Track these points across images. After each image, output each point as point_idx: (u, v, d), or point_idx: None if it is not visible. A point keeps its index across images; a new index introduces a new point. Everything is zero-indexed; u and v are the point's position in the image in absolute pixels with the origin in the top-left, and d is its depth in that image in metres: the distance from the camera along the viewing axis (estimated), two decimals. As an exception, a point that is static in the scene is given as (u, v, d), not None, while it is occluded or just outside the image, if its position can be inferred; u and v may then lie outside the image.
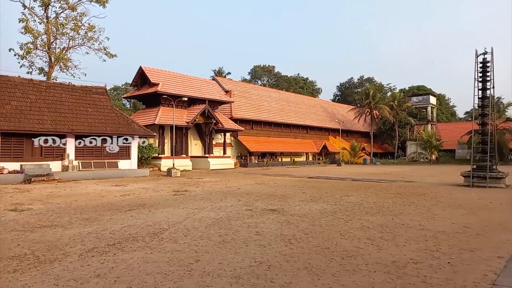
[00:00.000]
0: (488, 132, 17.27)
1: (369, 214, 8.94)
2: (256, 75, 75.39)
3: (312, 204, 10.73)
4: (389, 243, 6.15)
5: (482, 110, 17.51)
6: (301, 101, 53.08)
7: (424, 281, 4.34)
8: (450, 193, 13.78)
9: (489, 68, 16.92)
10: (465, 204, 10.69)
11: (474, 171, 16.77)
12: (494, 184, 15.96)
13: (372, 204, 10.74)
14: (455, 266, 4.89)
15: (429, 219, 8.38)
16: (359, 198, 12.13)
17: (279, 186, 16.44)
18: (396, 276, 4.51)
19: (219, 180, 19.35)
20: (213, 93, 34.98)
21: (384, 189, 15.16)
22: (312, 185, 16.99)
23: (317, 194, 13.25)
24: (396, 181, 19.13)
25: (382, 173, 26.30)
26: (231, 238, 6.46)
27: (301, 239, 6.43)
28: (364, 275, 4.56)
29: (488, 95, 17.34)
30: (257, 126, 41.21)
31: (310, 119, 49.11)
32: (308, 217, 8.57)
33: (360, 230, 7.14)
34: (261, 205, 10.37)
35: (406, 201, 11.33)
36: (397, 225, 7.62)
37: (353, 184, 17.43)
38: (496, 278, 4.41)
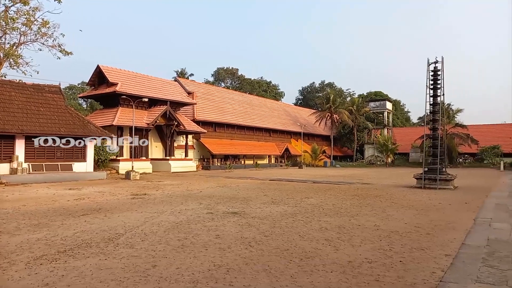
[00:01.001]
0: (438, 136, 18.32)
1: (327, 216, 9.15)
2: (219, 77, 75.14)
3: (273, 206, 10.81)
4: (345, 243, 6.32)
5: (433, 116, 18.54)
6: (264, 104, 53.56)
7: (377, 279, 4.50)
8: (404, 194, 14.43)
9: (440, 76, 17.96)
10: (416, 205, 11.24)
11: (426, 173, 17.69)
12: (444, 186, 16.91)
13: (331, 205, 11.00)
14: (406, 264, 5.12)
15: (383, 219, 8.73)
16: (318, 200, 12.38)
17: (241, 188, 16.43)
18: (352, 275, 4.64)
19: (180, 183, 19.01)
20: (175, 94, 34.37)
21: (343, 191, 15.60)
22: (274, 187, 17.14)
23: (278, 196, 13.38)
24: (354, 183, 19.77)
25: (341, 176, 27.08)
26: (190, 242, 6.35)
27: (261, 241, 6.45)
28: (321, 275, 4.65)
29: (439, 102, 18.40)
30: (220, 128, 41.03)
31: (273, 122, 49.63)
32: (269, 219, 8.62)
33: (318, 231, 7.28)
34: (223, 208, 10.30)
35: (363, 203, 11.73)
36: (354, 226, 7.85)
37: (313, 186, 17.79)
38: (443, 275, 4.66)
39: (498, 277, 4.54)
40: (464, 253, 5.70)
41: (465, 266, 4.99)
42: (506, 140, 47.80)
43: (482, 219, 8.76)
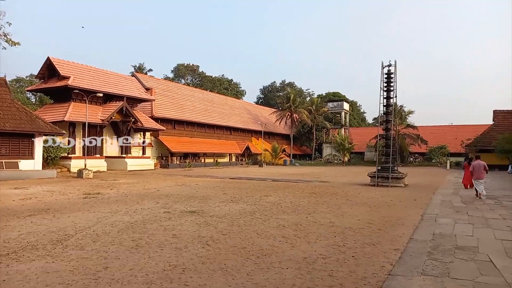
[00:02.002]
0: (391, 136, 19.22)
1: (285, 213, 9.29)
2: (179, 74, 73.76)
3: (232, 204, 10.79)
4: (301, 240, 6.45)
5: (386, 117, 19.42)
6: (225, 102, 53.36)
7: (330, 275, 4.63)
8: (358, 192, 14.98)
9: (393, 79, 18.84)
10: (370, 202, 11.71)
11: (379, 172, 18.49)
12: (395, 184, 17.78)
13: (289, 203, 11.18)
14: (358, 259, 5.31)
15: (338, 216, 9.01)
16: (277, 198, 12.54)
17: (201, 187, 16.25)
18: (306, 271, 4.74)
19: (137, 182, 18.45)
20: (132, 90, 33.25)
21: (301, 189, 15.92)
22: (233, 186, 17.12)
23: (237, 194, 13.38)
24: (312, 181, 20.23)
25: (300, 174, 27.62)
26: (145, 242, 6.18)
27: (219, 240, 6.41)
28: (277, 272, 4.70)
29: (392, 103, 19.29)
30: (179, 126, 40.31)
31: (233, 121, 49.57)
32: (227, 218, 8.60)
33: (276, 229, 7.36)
34: (180, 207, 10.12)
35: (320, 200, 12.03)
36: (310, 223, 8.03)
37: (272, 185, 17.99)
38: (391, 268, 4.88)
39: (441, 269, 4.83)
40: (411, 247, 6.02)
41: (412, 260, 5.27)
42: (452, 140, 51.05)
43: (429, 215, 9.29)
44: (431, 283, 4.29)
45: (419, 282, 4.33)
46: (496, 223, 8.22)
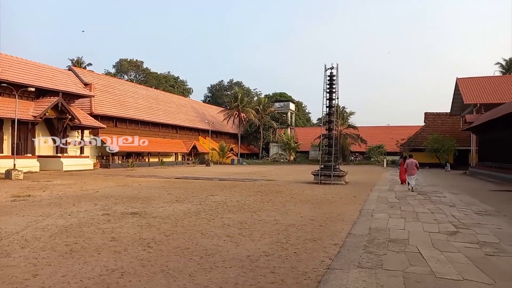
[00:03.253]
0: (333, 136, 20.05)
1: (231, 212, 9.28)
2: (122, 69, 70.61)
3: (176, 205, 10.55)
4: (246, 238, 6.48)
5: (329, 117, 20.22)
6: (171, 100, 52.09)
7: (273, 271, 4.70)
8: (302, 190, 15.43)
9: (335, 81, 19.65)
10: (313, 200, 12.12)
11: (322, 170, 19.20)
12: (337, 181, 18.57)
13: (235, 202, 11.20)
14: (300, 255, 5.46)
15: (283, 214, 9.20)
16: (223, 197, 12.49)
17: (144, 187, 15.69)
18: (249, 269, 4.77)
19: (74, 183, 17.34)
20: (69, 85, 31.13)
21: (247, 187, 16.02)
22: (179, 185, 16.76)
23: (183, 194, 13.12)
24: (259, 180, 20.47)
25: (247, 173, 27.81)
26: (81, 247, 5.81)
27: (161, 241, 6.23)
28: (220, 271, 4.68)
29: (334, 104, 20.12)
30: (121, 124, 38.60)
31: (180, 119, 48.56)
32: (171, 218, 8.39)
33: (221, 228, 7.33)
34: (121, 209, 9.68)
35: (265, 198, 12.20)
36: (255, 221, 8.10)
37: (219, 184, 17.90)
38: (330, 263, 5.09)
39: (375, 261, 5.13)
40: (349, 241, 6.32)
41: (349, 254, 5.53)
42: (389, 140, 54.52)
43: (366, 211, 9.83)
44: (366, 275, 4.53)
45: (355, 274, 4.56)
46: (425, 217, 8.91)
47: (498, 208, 10.36)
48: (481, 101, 33.67)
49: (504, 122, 21.44)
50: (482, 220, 8.53)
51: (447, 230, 7.33)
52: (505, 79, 39.05)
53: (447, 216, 9.04)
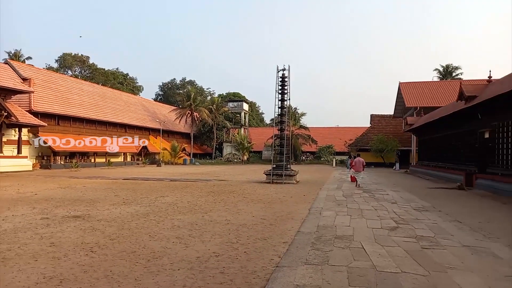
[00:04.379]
0: (285, 136, 20.43)
1: (181, 214, 9.10)
2: (65, 64, 66.49)
3: (124, 207, 10.14)
4: (196, 239, 6.39)
5: (281, 118, 20.57)
6: (120, 98, 50.03)
7: (222, 272, 4.68)
8: (255, 189, 15.55)
9: (287, 82, 20.03)
10: (264, 199, 12.25)
11: (274, 169, 19.49)
12: (288, 181, 18.95)
13: (186, 203, 11.00)
14: (250, 254, 5.49)
15: (234, 214, 9.19)
16: (174, 198, 12.23)
17: (89, 189, 14.90)
18: (199, 271, 4.70)
19: (9, 185, 16.03)
20: (4, 79, 28.64)
21: (199, 188, 15.83)
22: (127, 187, 16.13)
23: (131, 196, 12.64)
24: (211, 180, 20.31)
25: (199, 173, 27.47)
26: (15, 254, 5.39)
27: (106, 245, 5.95)
28: (167, 274, 4.56)
29: (286, 105, 20.50)
30: (64, 122, 36.36)
31: (129, 117, 46.78)
32: (117, 221, 8.05)
33: (170, 230, 7.16)
34: (62, 212, 9.11)
35: (217, 199, 12.13)
36: (206, 222, 8.02)
37: (170, 185, 17.50)
38: (279, 261, 5.17)
39: (322, 258, 5.30)
40: (298, 239, 6.47)
41: (297, 251, 5.66)
42: (338, 141, 56.64)
43: (315, 209, 10.13)
44: (312, 271, 4.66)
45: (302, 271, 4.67)
46: (369, 213, 9.37)
47: (434, 204, 11.18)
48: (421, 104, 36.17)
49: (439, 124, 23.20)
50: (420, 215, 9.14)
51: (388, 225, 7.76)
52: (442, 84, 42.29)
53: (389, 212, 9.58)
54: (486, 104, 14.77)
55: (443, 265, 4.97)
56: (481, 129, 16.94)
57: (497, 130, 15.08)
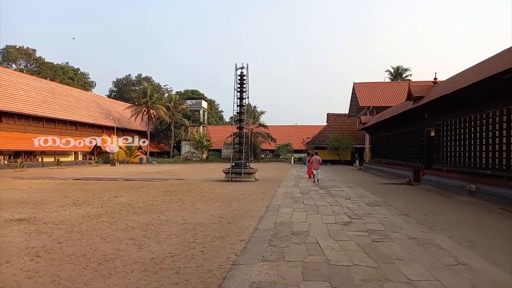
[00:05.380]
0: (244, 135, 20.47)
1: (136, 214, 8.83)
2: (9, 57, 61.91)
3: (74, 208, 9.65)
4: (151, 240, 6.23)
5: (240, 116, 20.58)
6: (70, 94, 47.45)
7: (178, 272, 4.60)
8: (213, 188, 15.44)
9: (246, 81, 20.07)
10: (223, 197, 12.20)
11: (233, 168, 19.48)
12: (247, 179, 19.03)
13: (142, 203, 10.69)
14: (207, 253, 5.44)
15: (192, 213, 9.07)
16: (129, 198, 11.83)
17: (35, 190, 14.02)
18: (153, 272, 4.59)
19: None
20: None
21: (156, 187, 15.44)
22: (78, 187, 15.36)
23: (82, 197, 12.06)
24: (169, 179, 19.89)
25: (156, 172, 26.80)
26: None
27: (53, 249, 5.62)
28: (120, 277, 4.40)
29: (245, 104, 20.54)
30: (8, 119, 33.84)
31: (80, 115, 44.51)
32: (66, 223, 7.64)
33: (124, 231, 6.92)
34: (5, 215, 8.50)
35: (175, 198, 11.90)
36: (162, 222, 7.84)
37: (125, 184, 16.90)
38: (236, 258, 5.17)
39: (278, 254, 5.37)
40: (255, 237, 6.51)
41: (254, 248, 5.70)
42: (296, 139, 57.71)
43: (273, 206, 10.26)
44: (268, 268, 4.72)
45: (258, 268, 4.71)
46: (324, 209, 9.65)
47: (385, 199, 11.74)
48: (373, 104, 37.80)
49: (390, 123, 24.38)
50: (371, 210, 9.56)
51: (342, 220, 8.04)
52: (393, 85, 44.48)
53: (343, 208, 9.92)
54: (432, 104, 15.73)
55: (391, 257, 5.23)
56: (428, 128, 18.04)
57: (441, 128, 16.13)
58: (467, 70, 13.59)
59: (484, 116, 12.39)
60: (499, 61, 10.46)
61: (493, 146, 11.78)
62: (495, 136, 11.66)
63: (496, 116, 11.62)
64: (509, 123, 10.86)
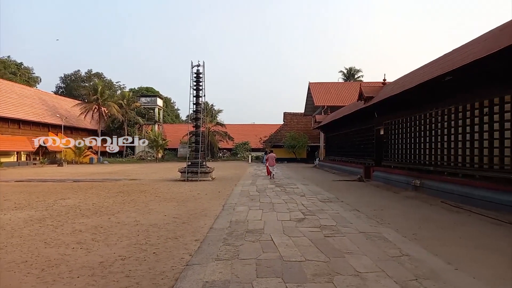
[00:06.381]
0: (200, 133, 20.22)
1: (85, 217, 8.41)
2: None
3: (15, 212, 9.00)
4: (100, 244, 5.96)
5: (196, 114, 20.30)
6: (12, 90, 44.12)
7: (128, 275, 4.44)
8: (168, 188, 15.11)
9: (202, 79, 19.82)
10: (178, 197, 11.98)
11: (189, 167, 19.18)
12: (204, 178, 18.83)
13: (91, 205, 10.20)
14: (159, 255, 5.30)
15: (145, 214, 8.81)
16: (77, 200, 11.24)
17: (-29, 194, 12.89)
18: (101, 276, 4.39)
19: None
20: None
21: (107, 188, 14.82)
22: (20, 190, 14.34)
23: (24, 200, 11.28)
24: (121, 180, 19.16)
25: (108, 172, 25.71)
26: None
27: (-11, 257, 5.20)
28: (65, 283, 4.17)
29: (201, 102, 20.29)
30: None
31: (24, 112, 41.55)
32: (6, 228, 7.11)
33: (70, 235, 6.56)
34: None
35: (127, 199, 11.49)
36: (113, 224, 7.53)
37: (73, 186, 16.04)
38: (190, 259, 5.09)
39: (232, 252, 5.36)
40: (210, 236, 6.46)
41: (209, 248, 5.65)
42: (254, 137, 58.02)
43: (229, 205, 10.23)
44: (222, 266, 4.70)
45: (212, 267, 4.68)
46: (279, 207, 9.79)
47: (338, 196, 12.16)
48: (328, 103, 39.00)
49: (343, 122, 25.30)
50: (324, 206, 9.85)
51: (296, 217, 8.21)
52: (347, 85, 46.17)
53: (297, 205, 10.13)
54: (381, 104, 16.53)
55: (341, 251, 5.42)
56: (377, 127, 18.93)
57: (390, 127, 17.00)
58: (413, 72, 14.42)
59: (428, 115, 13.23)
60: (440, 64, 11.20)
61: (435, 143, 12.61)
62: (437, 134, 12.49)
63: (438, 116, 12.46)
64: (449, 122, 11.68)
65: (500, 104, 9.33)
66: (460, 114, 11.14)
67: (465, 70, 9.26)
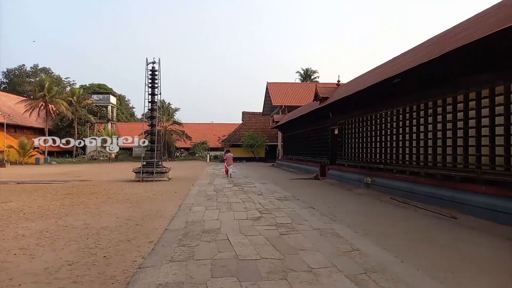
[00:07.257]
0: (156, 132, 19.70)
1: (28, 221, 7.87)
2: None
3: None
4: (45, 249, 5.61)
5: (151, 113, 19.75)
6: None
7: (75, 281, 4.22)
8: (122, 189, 14.56)
9: (157, 76, 19.32)
10: (132, 198, 11.58)
11: (144, 167, 18.63)
12: (160, 178, 18.38)
13: (36, 208, 9.58)
14: (110, 259, 5.10)
15: (95, 216, 8.42)
16: (20, 203, 10.49)
17: None
18: (46, 283, 4.14)
19: None
20: None
21: (55, 190, 13.98)
22: (-46, 193, 13.13)
23: (-41, 204, 10.34)
24: (70, 181, 18.18)
25: (56, 173, 24.27)
26: None
27: None
28: (4, 294, 3.88)
29: (157, 100, 19.78)
30: None
31: (-40, 109, 38.15)
32: None
33: (12, 241, 6.12)
34: None
35: (76, 201, 10.92)
36: (60, 228, 7.12)
37: (16, 188, 14.97)
38: (143, 261, 4.94)
39: (187, 253, 5.28)
40: (165, 237, 6.32)
41: (163, 249, 5.52)
42: (212, 137, 57.57)
43: (185, 205, 10.07)
44: (177, 268, 4.61)
45: (166, 269, 4.57)
46: (237, 206, 9.80)
47: (294, 194, 12.39)
48: (285, 103, 39.63)
49: (300, 122, 25.84)
50: (281, 205, 10.00)
51: (253, 216, 8.26)
52: (303, 86, 47.18)
53: (255, 203, 10.20)
54: (335, 105, 17.08)
55: (296, 248, 5.53)
56: (332, 126, 19.54)
57: (344, 127, 17.62)
58: (366, 74, 15.04)
59: (378, 116, 13.87)
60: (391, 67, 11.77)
61: (385, 143, 13.25)
62: (387, 134, 13.13)
63: (388, 116, 13.10)
64: (398, 122, 12.33)
65: (443, 105, 9.99)
66: (407, 115, 11.79)
67: (410, 73, 9.82)
